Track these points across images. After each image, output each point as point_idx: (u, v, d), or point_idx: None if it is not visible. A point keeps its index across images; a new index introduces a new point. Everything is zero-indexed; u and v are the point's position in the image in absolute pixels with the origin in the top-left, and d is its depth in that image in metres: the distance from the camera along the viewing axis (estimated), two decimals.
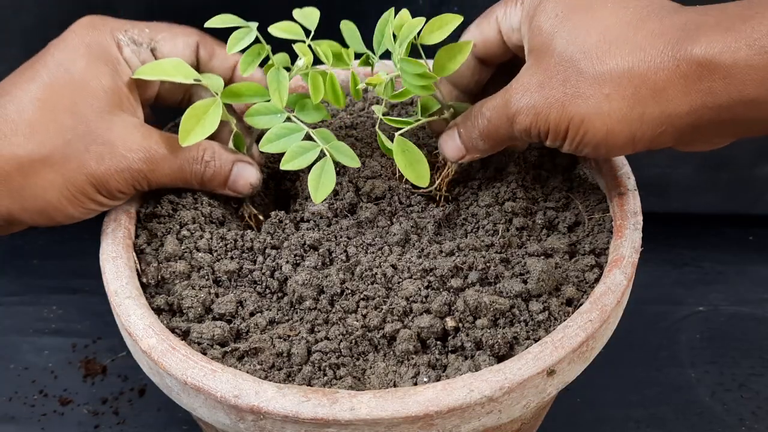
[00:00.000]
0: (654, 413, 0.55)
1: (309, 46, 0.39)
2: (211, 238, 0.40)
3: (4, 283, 0.67)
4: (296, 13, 0.41)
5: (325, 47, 0.40)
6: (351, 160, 0.39)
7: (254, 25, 0.40)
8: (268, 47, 0.40)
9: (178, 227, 0.41)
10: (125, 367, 0.59)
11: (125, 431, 0.54)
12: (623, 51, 0.32)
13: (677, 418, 0.55)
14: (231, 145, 0.42)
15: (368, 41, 0.68)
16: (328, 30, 0.68)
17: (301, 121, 0.40)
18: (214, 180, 0.40)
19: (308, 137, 0.39)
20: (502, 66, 0.41)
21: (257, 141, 0.43)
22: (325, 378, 0.33)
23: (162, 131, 0.40)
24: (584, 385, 0.41)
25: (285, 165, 0.38)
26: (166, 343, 0.33)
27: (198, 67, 0.42)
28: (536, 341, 0.33)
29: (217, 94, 0.39)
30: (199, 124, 0.38)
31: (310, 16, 0.40)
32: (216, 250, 0.39)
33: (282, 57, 0.41)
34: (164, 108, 0.44)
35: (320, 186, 0.37)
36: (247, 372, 0.33)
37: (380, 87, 0.39)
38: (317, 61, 0.40)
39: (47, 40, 0.64)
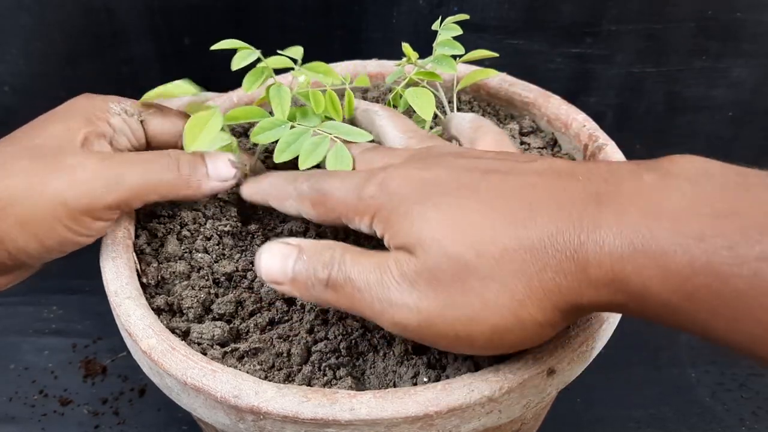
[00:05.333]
0: (654, 413, 0.55)
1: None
2: (212, 239, 0.40)
3: None
4: (284, 52, 0.41)
5: (321, 69, 0.41)
6: (362, 136, 0.39)
7: (257, 52, 0.40)
8: (270, 69, 0.40)
9: (178, 227, 0.41)
10: (125, 367, 0.59)
11: (125, 431, 0.54)
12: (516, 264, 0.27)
13: (677, 418, 0.55)
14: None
15: (367, 41, 0.68)
16: (327, 31, 0.68)
17: (304, 126, 0.40)
18: (192, 174, 0.39)
19: (316, 134, 0.39)
20: None
21: (263, 161, 0.44)
22: (325, 378, 0.33)
23: None
24: (584, 385, 0.41)
25: (303, 165, 0.38)
26: (166, 344, 0.33)
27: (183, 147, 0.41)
28: None
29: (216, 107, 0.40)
30: (203, 130, 0.38)
31: (296, 53, 0.41)
32: (216, 251, 0.39)
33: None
34: None
35: (341, 167, 0.38)
36: (247, 372, 0.33)
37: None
38: None
39: (47, 40, 0.64)
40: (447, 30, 0.44)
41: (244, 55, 0.40)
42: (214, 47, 0.40)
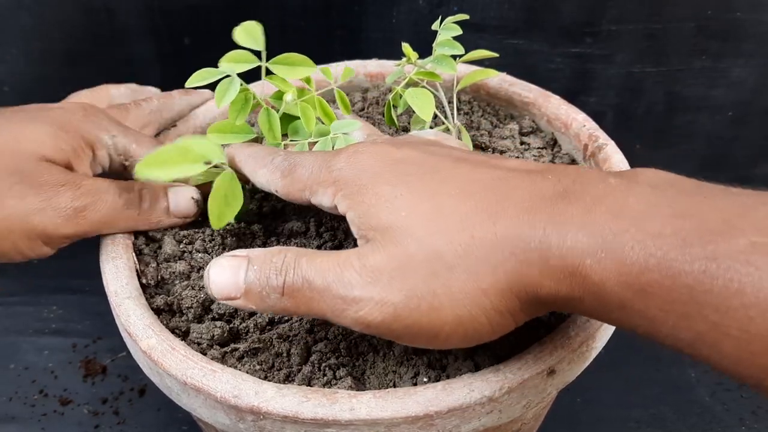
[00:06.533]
0: (654, 413, 0.55)
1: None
2: (211, 239, 0.40)
3: (4, 283, 0.67)
4: (239, 35, 0.38)
5: (289, 60, 0.40)
6: (351, 125, 0.39)
7: (234, 70, 0.38)
8: (253, 91, 0.40)
9: (177, 228, 0.41)
10: (125, 367, 0.59)
11: (125, 431, 0.54)
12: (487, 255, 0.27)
13: (677, 418, 0.55)
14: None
15: (367, 41, 0.68)
16: (327, 31, 0.68)
17: (299, 142, 0.40)
18: (153, 209, 0.39)
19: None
20: None
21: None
22: (325, 378, 0.33)
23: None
24: (584, 385, 0.41)
25: None
26: (165, 344, 0.33)
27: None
28: (536, 341, 0.33)
29: (225, 164, 0.35)
30: (228, 204, 0.36)
31: (254, 34, 0.38)
32: (215, 251, 0.39)
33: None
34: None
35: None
36: (247, 372, 0.33)
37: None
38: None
39: (47, 40, 0.64)
40: (447, 30, 0.44)
41: (225, 87, 0.38)
42: (187, 84, 0.38)
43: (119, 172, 0.42)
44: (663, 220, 0.25)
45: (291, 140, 0.40)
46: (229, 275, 0.30)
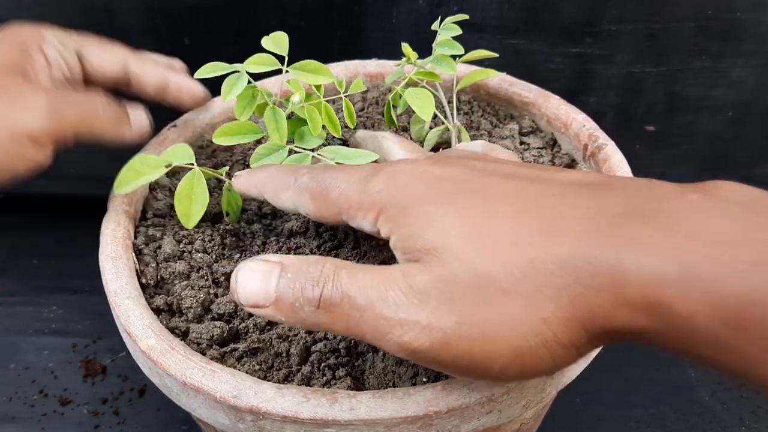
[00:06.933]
0: (654, 413, 0.55)
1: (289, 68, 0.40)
2: (211, 239, 0.40)
3: (4, 283, 0.67)
4: (266, 42, 0.40)
5: (310, 67, 0.40)
6: (366, 157, 0.38)
7: (243, 67, 0.39)
8: (261, 89, 0.40)
9: (177, 228, 0.41)
10: (125, 367, 0.59)
11: (125, 431, 0.54)
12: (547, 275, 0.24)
13: (677, 417, 0.55)
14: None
15: (367, 41, 0.68)
16: (327, 31, 0.68)
17: (304, 149, 0.40)
18: (120, 118, 0.41)
19: (316, 160, 0.39)
20: None
21: None
22: (324, 378, 0.33)
23: None
24: (584, 385, 0.41)
25: None
26: (165, 344, 0.33)
27: (130, 82, 0.44)
28: None
29: (193, 165, 0.39)
30: (193, 203, 0.39)
31: (280, 43, 0.40)
32: (214, 251, 0.39)
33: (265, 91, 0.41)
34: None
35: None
36: (247, 372, 0.33)
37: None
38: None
39: None
40: (446, 30, 0.44)
41: (233, 81, 0.39)
42: (196, 75, 0.40)
43: (77, 81, 0.43)
44: (759, 248, 0.22)
45: (297, 146, 0.40)
46: (259, 281, 0.27)
